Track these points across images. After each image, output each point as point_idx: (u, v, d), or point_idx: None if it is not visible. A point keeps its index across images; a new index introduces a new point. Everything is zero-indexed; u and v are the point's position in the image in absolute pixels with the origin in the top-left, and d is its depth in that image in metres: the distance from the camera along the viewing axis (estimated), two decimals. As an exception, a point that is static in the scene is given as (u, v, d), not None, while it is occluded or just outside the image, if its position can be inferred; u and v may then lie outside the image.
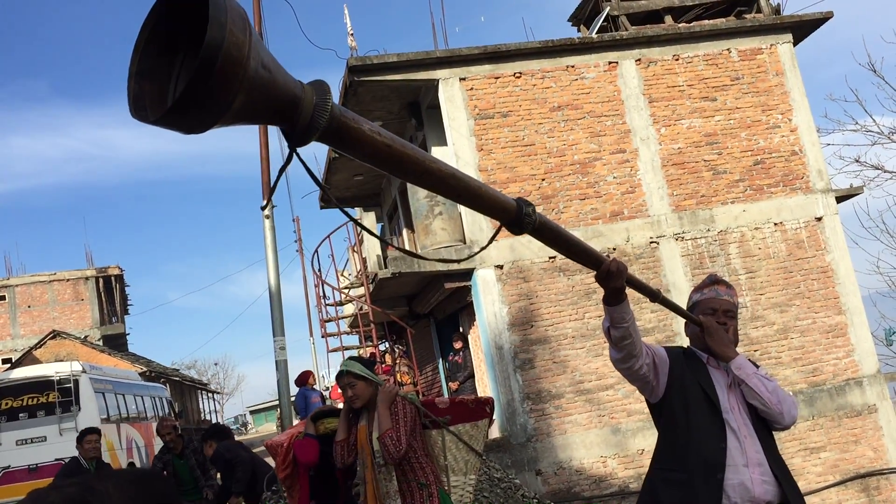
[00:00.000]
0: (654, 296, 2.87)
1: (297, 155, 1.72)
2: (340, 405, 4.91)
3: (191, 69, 1.43)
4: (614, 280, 2.64)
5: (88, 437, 7.43)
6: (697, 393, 2.95)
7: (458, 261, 2.62)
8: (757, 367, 3.03)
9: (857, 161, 13.20)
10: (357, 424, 4.30)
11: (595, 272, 2.61)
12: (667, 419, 3.02)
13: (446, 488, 4.22)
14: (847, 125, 13.02)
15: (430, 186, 1.94)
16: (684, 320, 3.12)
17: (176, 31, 1.53)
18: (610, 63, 12.33)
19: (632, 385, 3.11)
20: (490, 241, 2.21)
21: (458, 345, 12.95)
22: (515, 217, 2.16)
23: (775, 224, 12.30)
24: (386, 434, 4.03)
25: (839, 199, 12.78)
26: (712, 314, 3.04)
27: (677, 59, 12.54)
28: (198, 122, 1.51)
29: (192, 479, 7.71)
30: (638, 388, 3.07)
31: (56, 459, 14.21)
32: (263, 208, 11.61)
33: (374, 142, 1.78)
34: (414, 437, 4.17)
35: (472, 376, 12.57)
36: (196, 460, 7.74)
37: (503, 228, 2.18)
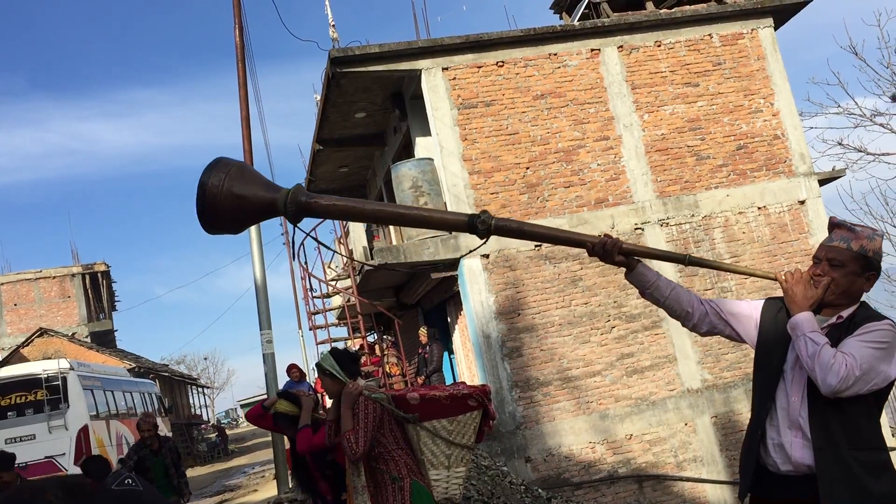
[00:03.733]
0: (683, 260, 2.99)
1: (299, 229, 3.02)
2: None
3: None
4: (605, 258, 2.83)
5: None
6: (770, 348, 2.91)
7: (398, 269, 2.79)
8: (866, 320, 2.73)
9: (839, 144, 13.27)
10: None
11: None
12: (753, 371, 3.04)
13: (426, 482, 4.26)
14: (829, 108, 13.02)
15: (385, 223, 2.93)
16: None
17: None
18: (592, 50, 12.34)
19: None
20: (480, 246, 2.49)
21: (423, 338, 12.74)
22: (468, 227, 2.78)
23: (759, 208, 12.37)
24: (344, 436, 4.16)
25: (822, 182, 12.86)
26: (817, 263, 2.86)
27: (659, 46, 12.56)
28: (223, 231, 2.88)
29: (166, 477, 7.85)
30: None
31: (46, 457, 14.19)
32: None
33: (335, 209, 2.92)
34: (383, 433, 4.24)
35: (438, 370, 12.48)
36: (171, 459, 7.86)
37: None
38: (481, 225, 2.78)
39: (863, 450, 2.69)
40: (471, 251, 2.73)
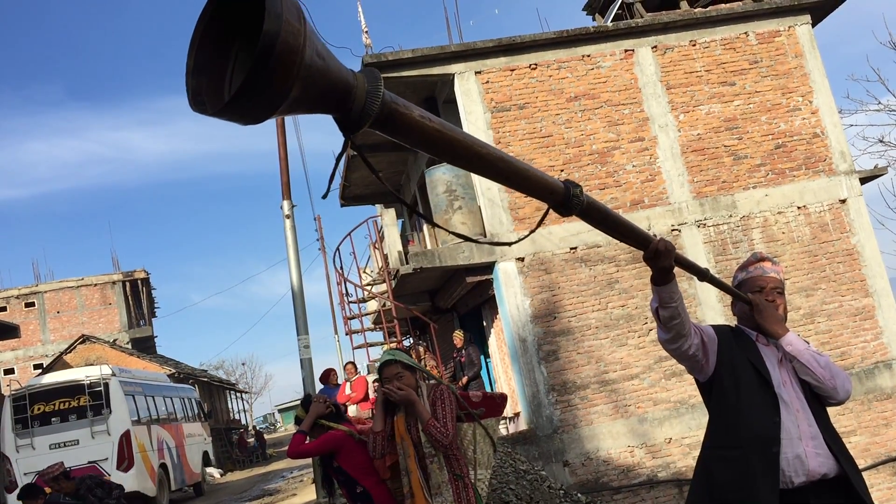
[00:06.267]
0: (702, 275, 2.85)
1: (353, 142, 1.77)
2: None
3: (247, 61, 1.42)
4: (662, 259, 2.60)
5: None
6: (748, 370, 2.94)
7: (510, 244, 2.49)
8: (807, 343, 3.02)
9: (881, 141, 13.11)
10: (394, 416, 4.34)
11: (643, 252, 2.59)
12: (717, 398, 3.01)
13: (473, 481, 4.24)
14: (870, 105, 12.87)
15: (479, 170, 1.94)
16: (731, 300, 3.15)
17: (229, 26, 1.51)
18: (626, 51, 12.26)
19: (680, 364, 3.09)
20: (539, 224, 2.20)
21: (458, 342, 12.66)
22: (563, 199, 2.13)
23: (798, 208, 12.18)
24: (429, 423, 4.08)
25: (863, 181, 12.63)
26: (760, 292, 3.01)
27: (694, 45, 12.44)
28: (256, 112, 1.51)
29: None
30: (687, 368, 3.09)
31: (89, 462, 14.43)
32: (324, 197, 11.58)
33: (425, 128, 1.81)
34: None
35: (478, 375, 12.41)
36: (94, 496, 7.57)
37: (550, 211, 2.20)
38: (577, 197, 2.13)
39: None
40: (518, 240, 2.25)
